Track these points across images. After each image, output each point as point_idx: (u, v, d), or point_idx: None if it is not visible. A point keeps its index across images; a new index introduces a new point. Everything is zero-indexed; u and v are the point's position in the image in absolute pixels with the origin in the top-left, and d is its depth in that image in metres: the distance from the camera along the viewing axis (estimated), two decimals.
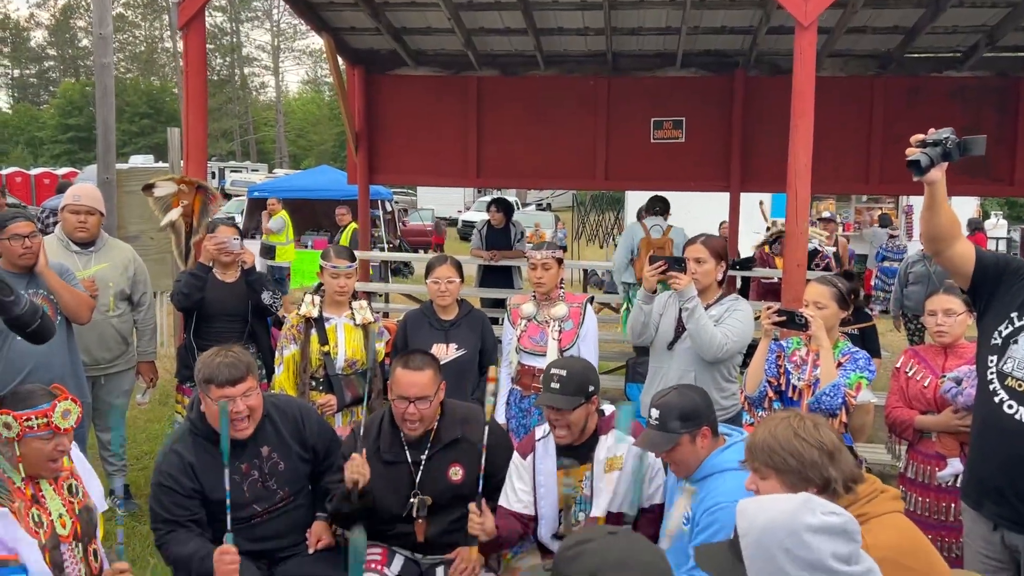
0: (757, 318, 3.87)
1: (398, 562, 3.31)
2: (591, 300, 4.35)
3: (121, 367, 4.87)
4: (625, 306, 7.58)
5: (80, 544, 2.77)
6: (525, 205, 30.92)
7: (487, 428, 3.22)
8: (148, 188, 5.46)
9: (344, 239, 11.69)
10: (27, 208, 13.19)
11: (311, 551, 3.25)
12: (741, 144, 8.58)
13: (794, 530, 1.65)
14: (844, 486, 2.20)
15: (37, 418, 2.62)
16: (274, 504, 3.22)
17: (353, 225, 11.51)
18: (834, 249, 9.86)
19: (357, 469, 3.10)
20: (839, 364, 3.47)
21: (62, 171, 29.46)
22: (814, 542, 1.63)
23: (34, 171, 30.60)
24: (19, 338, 3.98)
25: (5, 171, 29.55)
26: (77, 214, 4.60)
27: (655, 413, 2.87)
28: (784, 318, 3.49)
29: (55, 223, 8.00)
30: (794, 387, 3.57)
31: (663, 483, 3.19)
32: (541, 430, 3.30)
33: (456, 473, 3.27)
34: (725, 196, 9.09)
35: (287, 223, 13.00)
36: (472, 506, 3.08)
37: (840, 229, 18.68)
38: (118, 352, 4.83)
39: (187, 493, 3.07)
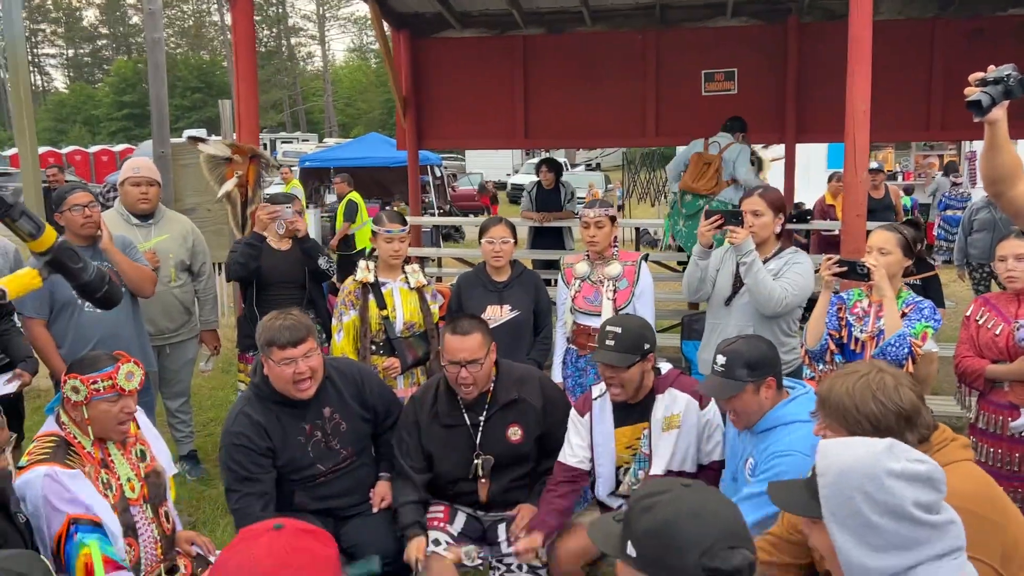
0: (817, 271, 3.79)
1: (460, 519, 3.36)
2: (646, 258, 4.30)
3: (184, 336, 4.99)
4: (668, 216, 7.54)
5: (150, 506, 2.85)
6: (574, 166, 30.69)
7: (542, 391, 3.23)
8: (196, 140, 5.53)
9: (340, 211, 11.14)
10: (87, 184, 13.51)
11: (375, 510, 3.32)
12: (796, 94, 8.36)
13: (875, 474, 1.61)
14: (919, 441, 2.15)
15: (103, 380, 2.69)
16: (337, 464, 3.29)
17: (352, 195, 11.13)
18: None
19: (419, 553, 3.14)
20: (903, 314, 3.39)
21: (119, 148, 30.07)
22: (895, 487, 1.60)
23: (92, 149, 31.30)
24: (87, 310, 4.12)
25: (65, 150, 30.28)
26: (138, 186, 4.69)
27: (721, 359, 2.84)
28: (845, 268, 3.41)
29: (112, 198, 8.18)
30: (856, 339, 3.50)
31: (722, 439, 3.17)
32: (598, 389, 3.29)
33: (515, 433, 3.29)
34: (779, 148, 8.90)
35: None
36: (514, 536, 3.14)
37: (900, 179, 18.18)
38: (181, 322, 4.95)
39: (261, 451, 3.14)
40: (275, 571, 1.21)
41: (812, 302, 3.69)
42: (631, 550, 1.41)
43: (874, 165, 10.14)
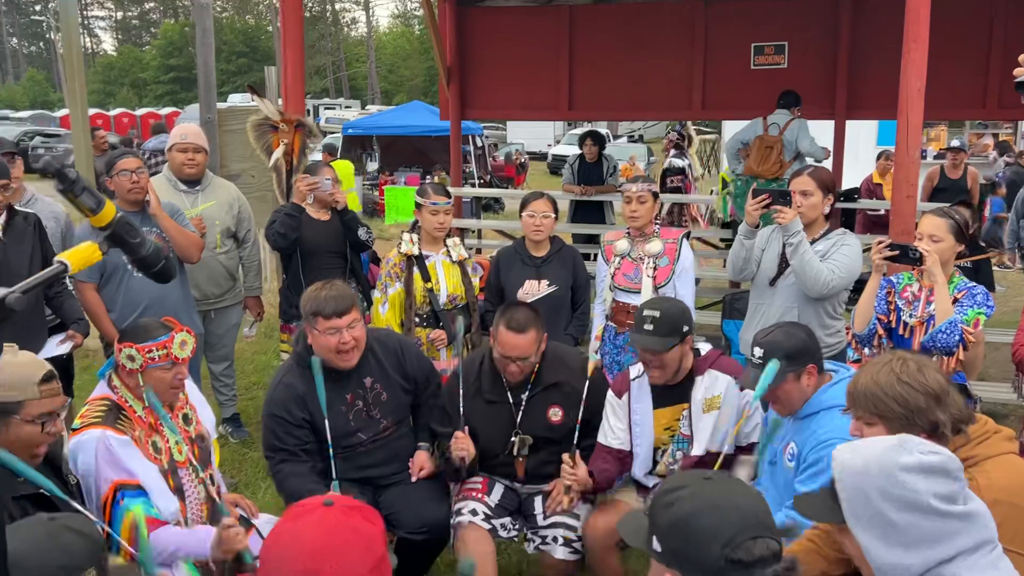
0: (866, 251, 3.72)
1: (498, 491, 3.39)
2: (687, 235, 4.25)
3: (229, 302, 5.06)
4: (723, 193, 7.46)
5: (196, 469, 2.92)
6: (616, 137, 30.41)
7: (588, 380, 3.24)
8: (255, 91, 5.57)
9: None
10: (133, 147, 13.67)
11: (413, 479, 3.36)
12: (847, 69, 8.15)
13: (888, 471, 1.61)
14: (953, 428, 2.12)
15: (158, 349, 2.75)
16: (378, 433, 3.33)
17: (332, 163, 11.11)
18: (701, 171, 9.33)
19: (463, 447, 3.18)
20: (955, 300, 3.32)
21: (165, 111, 30.43)
22: (910, 481, 1.59)
23: (139, 111, 31.74)
24: (136, 275, 4.20)
25: (113, 112, 30.73)
26: (185, 152, 4.75)
27: (758, 352, 2.81)
28: (896, 252, 3.35)
29: (155, 163, 8.30)
30: (905, 324, 3.44)
31: (760, 421, 3.15)
32: (635, 369, 3.28)
33: (556, 414, 3.31)
34: (829, 124, 8.71)
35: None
36: (566, 457, 3.11)
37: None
38: (226, 287, 5.02)
39: (297, 423, 3.20)
40: (324, 546, 1.24)
41: (859, 284, 3.64)
42: (656, 545, 1.43)
43: (955, 143, 9.90)
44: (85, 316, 4.18)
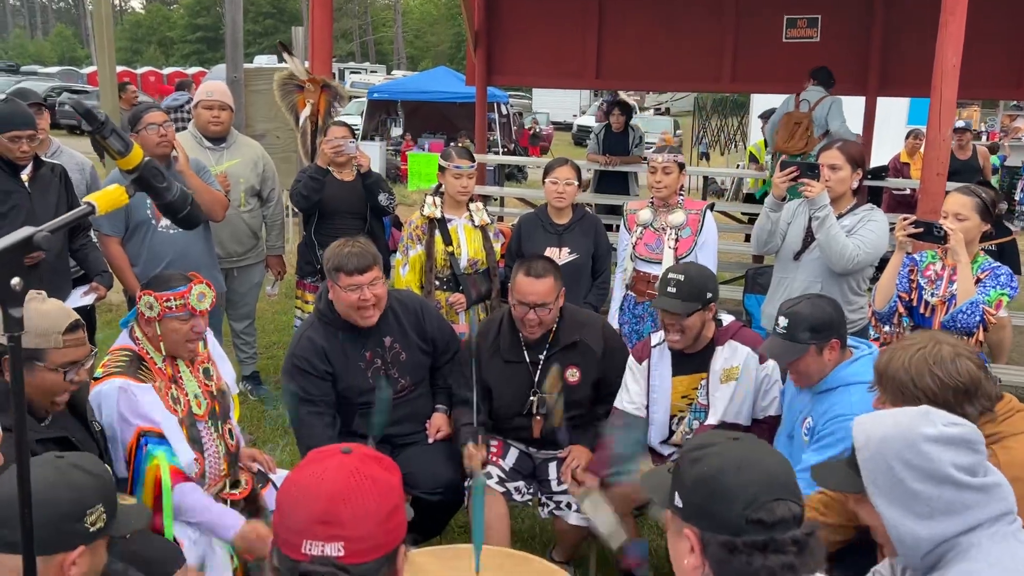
0: (892, 228, 3.68)
1: (512, 455, 3.41)
2: (711, 207, 4.22)
3: (251, 260, 5.10)
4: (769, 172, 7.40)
5: (215, 423, 2.96)
6: (643, 110, 30.14)
7: (604, 336, 3.24)
8: (285, 48, 5.56)
9: None
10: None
11: (430, 440, 3.39)
12: (881, 44, 8.01)
13: (911, 441, 1.61)
14: (980, 413, 2.11)
15: (175, 299, 2.77)
16: (396, 392, 3.36)
17: None
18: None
19: (474, 462, 3.19)
20: (978, 280, 3.28)
21: (192, 71, 30.46)
22: (932, 452, 1.59)
23: (166, 71, 31.81)
24: (160, 230, 4.23)
25: (140, 70, 30.81)
26: (210, 109, 4.76)
27: (783, 321, 2.80)
28: (921, 229, 3.31)
29: (177, 119, 8.32)
30: (927, 303, 3.41)
31: (779, 395, 3.14)
32: (657, 337, 3.28)
33: (573, 375, 3.31)
34: (860, 101, 8.58)
35: None
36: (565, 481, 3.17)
37: (984, 138, 17.43)
38: (249, 246, 5.05)
39: (320, 375, 3.23)
40: (341, 492, 1.25)
41: (884, 262, 3.60)
42: (678, 500, 1.43)
43: (960, 124, 9.73)
44: (109, 269, 4.22)
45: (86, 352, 2.47)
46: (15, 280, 1.05)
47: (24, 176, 3.88)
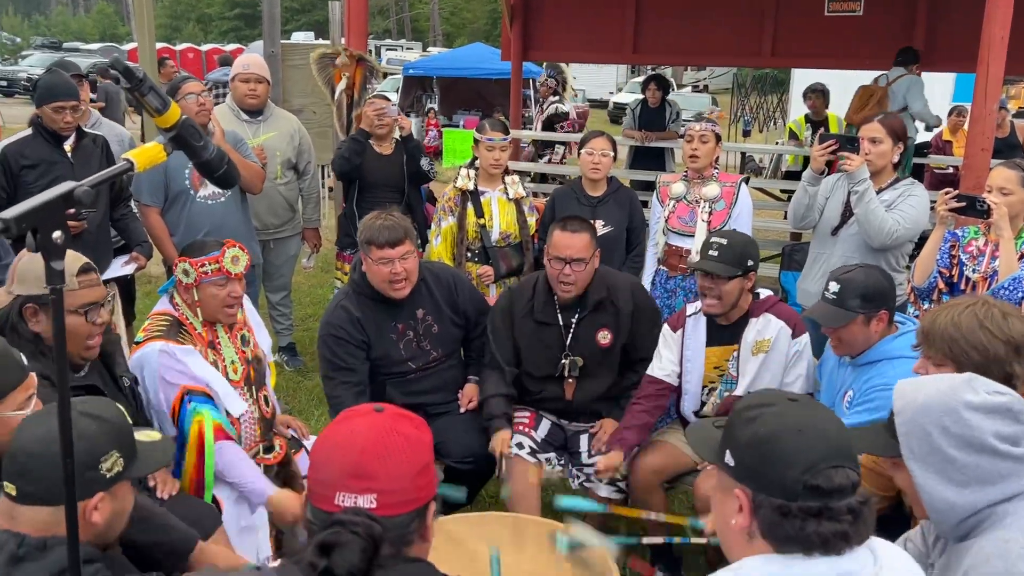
0: (933, 205, 3.62)
1: (544, 426, 3.43)
2: (746, 181, 4.17)
3: (288, 233, 5.15)
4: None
5: (250, 389, 3.00)
6: (680, 87, 29.78)
7: (633, 296, 3.25)
8: (329, 56, 5.60)
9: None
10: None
11: (462, 410, 3.42)
12: (926, 18, 7.81)
13: (952, 407, 1.58)
14: None
15: (210, 264, 2.82)
16: (428, 363, 3.39)
17: None
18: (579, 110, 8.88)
19: (500, 443, 3.22)
20: (1021, 256, 3.21)
21: (230, 47, 30.66)
22: (973, 419, 1.56)
23: (204, 47, 32.06)
24: (198, 200, 4.29)
25: (179, 47, 31.10)
26: (247, 82, 4.79)
27: (834, 287, 2.77)
28: (964, 204, 3.25)
29: (216, 95, 8.39)
30: (968, 279, 3.35)
31: (804, 373, 3.11)
32: (693, 307, 3.27)
33: (604, 337, 3.32)
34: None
35: None
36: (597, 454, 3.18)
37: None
38: (285, 218, 5.10)
39: (356, 343, 3.27)
40: (373, 447, 1.27)
41: (924, 238, 3.54)
42: (729, 459, 1.40)
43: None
44: (148, 239, 4.29)
45: (103, 294, 2.52)
46: (57, 233, 1.08)
47: (67, 147, 3.95)
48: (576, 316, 3.33)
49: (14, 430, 1.76)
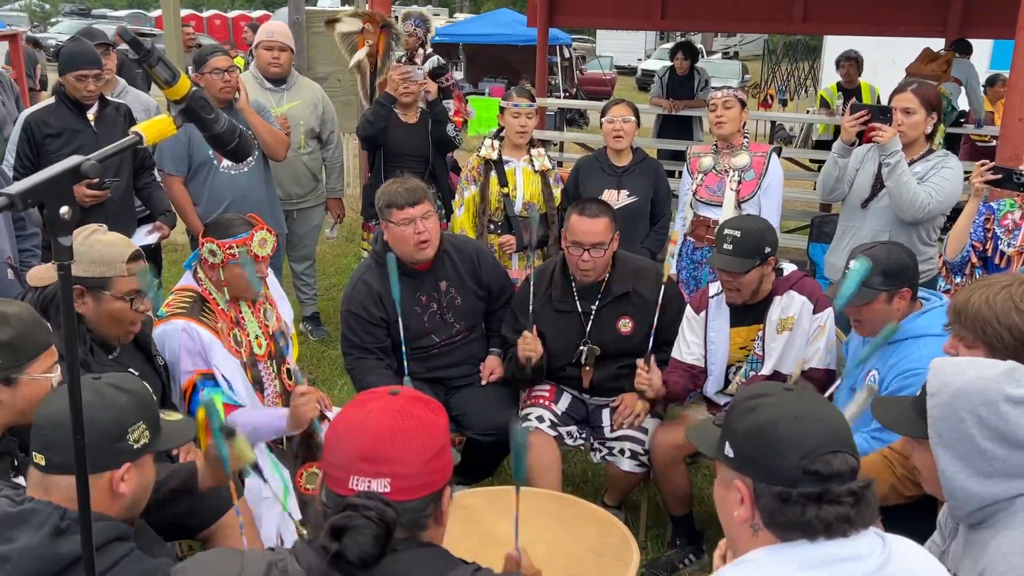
0: (967, 178, 3.52)
1: (565, 400, 3.40)
2: (778, 151, 4.08)
3: (311, 203, 5.13)
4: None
5: (274, 363, 3.01)
6: (710, 53, 29.34)
7: (663, 287, 3.18)
8: (332, 22, 5.54)
9: None
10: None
11: (484, 383, 3.41)
12: None
13: (991, 398, 1.53)
14: None
15: (238, 246, 2.80)
16: (451, 336, 3.37)
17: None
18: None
19: (530, 347, 3.17)
20: None
21: (256, 14, 30.59)
22: (1012, 414, 1.52)
23: (232, 14, 32.02)
24: (221, 170, 4.28)
25: (206, 14, 31.08)
26: (271, 50, 4.76)
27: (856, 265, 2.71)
28: (1000, 176, 3.16)
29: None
30: (1002, 254, 3.27)
31: (823, 346, 3.05)
32: (715, 287, 3.21)
33: (625, 325, 3.27)
34: (936, 45, 8.18)
35: None
36: (640, 362, 3.07)
37: None
38: (309, 188, 5.08)
39: (375, 321, 3.26)
40: (387, 431, 1.26)
41: (955, 212, 3.46)
42: (728, 450, 1.40)
43: None
44: (172, 208, 4.30)
45: (143, 267, 2.53)
46: (64, 209, 1.06)
47: (90, 115, 3.95)
48: (596, 304, 3.28)
49: (43, 394, 1.80)
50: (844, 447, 1.33)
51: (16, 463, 2.06)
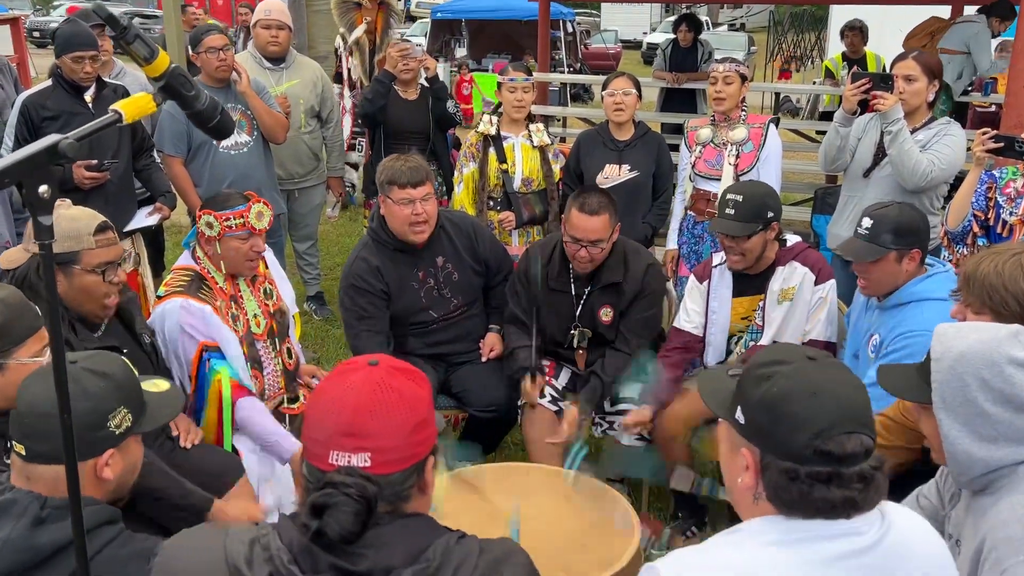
0: (971, 145, 3.49)
1: (565, 375, 3.41)
2: (776, 121, 4.04)
3: (312, 182, 5.12)
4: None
5: (274, 341, 3.02)
6: (716, 25, 29.08)
7: (645, 272, 3.22)
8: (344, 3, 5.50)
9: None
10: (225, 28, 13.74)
11: (483, 359, 3.41)
12: None
13: (995, 361, 1.53)
14: None
15: (235, 218, 2.81)
16: (449, 312, 3.37)
17: None
18: None
19: (529, 398, 3.20)
20: None
21: None
22: (1016, 376, 1.51)
23: None
24: (221, 151, 4.28)
25: None
26: (268, 28, 4.73)
27: (867, 222, 2.69)
28: (1002, 144, 3.13)
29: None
30: (1004, 222, 3.25)
31: (824, 318, 3.04)
32: (718, 257, 3.21)
33: (606, 314, 3.28)
34: (943, 12, 8.09)
35: None
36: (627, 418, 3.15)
37: None
38: (310, 167, 5.07)
39: (377, 293, 3.26)
40: (366, 404, 1.24)
41: (960, 180, 3.42)
42: (740, 416, 1.35)
43: None
44: (172, 189, 4.30)
45: (119, 252, 2.52)
46: (43, 188, 1.05)
47: (87, 97, 3.94)
48: (588, 288, 3.28)
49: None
50: (860, 427, 1.27)
51: (9, 445, 2.08)
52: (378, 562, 1.20)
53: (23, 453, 1.62)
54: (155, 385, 1.84)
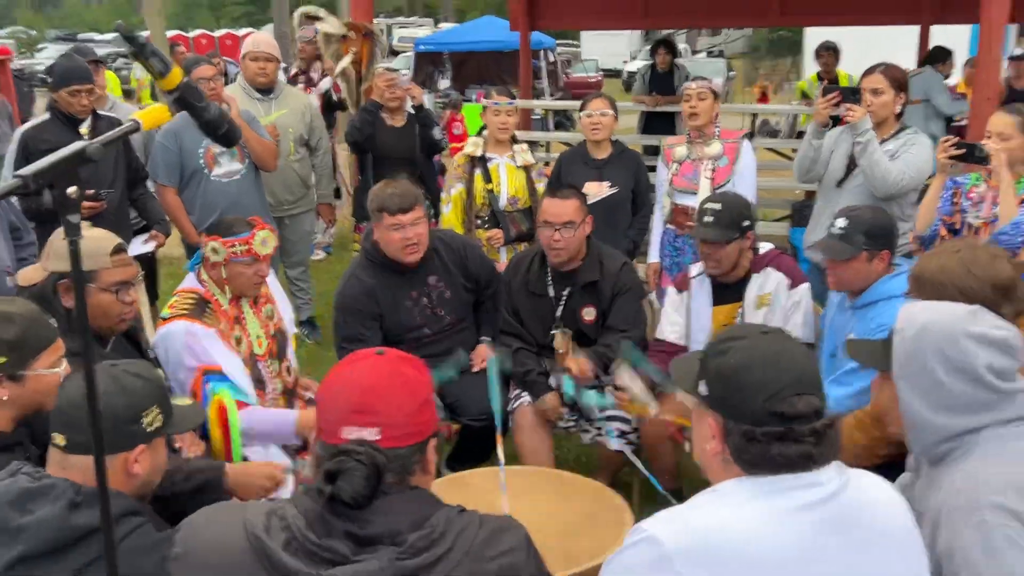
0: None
1: (554, 382, 3.49)
2: (749, 136, 4.21)
3: (302, 208, 5.23)
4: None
5: (275, 361, 3.10)
6: (695, 52, 29.50)
7: (619, 271, 3.35)
8: (312, 18, 5.63)
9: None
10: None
11: (475, 370, 3.49)
12: None
13: (952, 333, 1.64)
14: (1016, 315, 2.12)
15: (240, 244, 2.88)
16: (442, 328, 3.47)
17: None
18: None
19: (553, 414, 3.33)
20: (1022, 201, 3.24)
21: (243, 32, 30.71)
22: (970, 347, 1.62)
23: (218, 33, 32.16)
24: (212, 179, 4.39)
25: (192, 34, 31.21)
26: (256, 60, 4.87)
27: (841, 222, 2.83)
28: (963, 151, 3.28)
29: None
30: (970, 226, 3.38)
31: (801, 322, 3.16)
32: (696, 268, 3.33)
33: (589, 314, 3.40)
34: (912, 32, 8.32)
35: None
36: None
37: None
38: (299, 195, 5.18)
39: (369, 314, 3.35)
40: (375, 386, 1.38)
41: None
42: (703, 389, 1.48)
43: (1018, 51, 9.34)
44: (167, 218, 4.40)
45: (134, 273, 2.61)
46: (71, 188, 1.16)
47: (83, 130, 4.05)
48: (568, 290, 3.42)
49: (50, 388, 1.89)
50: (809, 389, 1.41)
51: (28, 455, 2.15)
52: (386, 527, 1.31)
53: (62, 444, 1.74)
54: (180, 400, 1.99)
